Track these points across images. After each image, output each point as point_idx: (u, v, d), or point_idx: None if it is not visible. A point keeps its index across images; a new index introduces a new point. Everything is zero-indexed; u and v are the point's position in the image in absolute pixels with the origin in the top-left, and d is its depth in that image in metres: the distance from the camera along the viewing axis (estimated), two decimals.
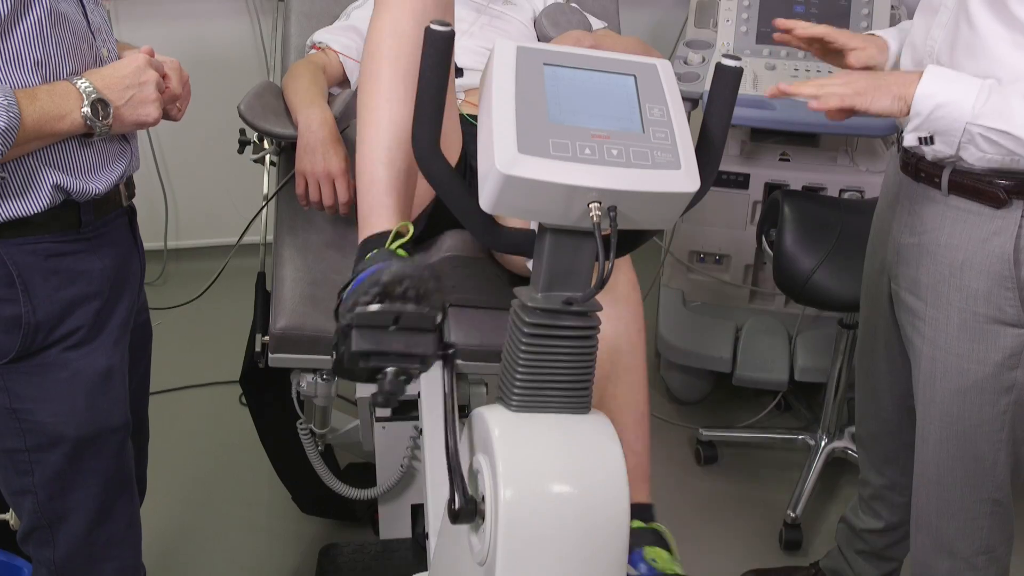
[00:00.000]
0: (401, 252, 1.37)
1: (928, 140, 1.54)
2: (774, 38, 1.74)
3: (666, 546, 1.51)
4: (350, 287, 1.25)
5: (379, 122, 1.49)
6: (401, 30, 1.51)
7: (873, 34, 1.76)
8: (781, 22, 1.71)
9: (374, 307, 1.20)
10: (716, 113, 1.32)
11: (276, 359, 1.91)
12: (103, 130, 1.41)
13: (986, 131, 1.46)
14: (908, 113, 1.50)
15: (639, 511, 1.53)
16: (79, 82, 1.40)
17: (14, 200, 1.39)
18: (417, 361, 1.25)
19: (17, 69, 1.34)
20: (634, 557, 1.46)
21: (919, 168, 1.62)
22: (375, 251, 1.38)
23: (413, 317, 1.22)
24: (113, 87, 1.43)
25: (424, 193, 1.74)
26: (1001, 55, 1.48)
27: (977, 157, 1.50)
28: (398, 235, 1.39)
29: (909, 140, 1.58)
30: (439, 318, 1.24)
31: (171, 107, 1.58)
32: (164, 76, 1.54)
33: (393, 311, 1.21)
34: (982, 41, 1.49)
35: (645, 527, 1.53)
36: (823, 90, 1.52)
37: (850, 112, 1.53)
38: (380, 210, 1.46)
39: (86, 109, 1.38)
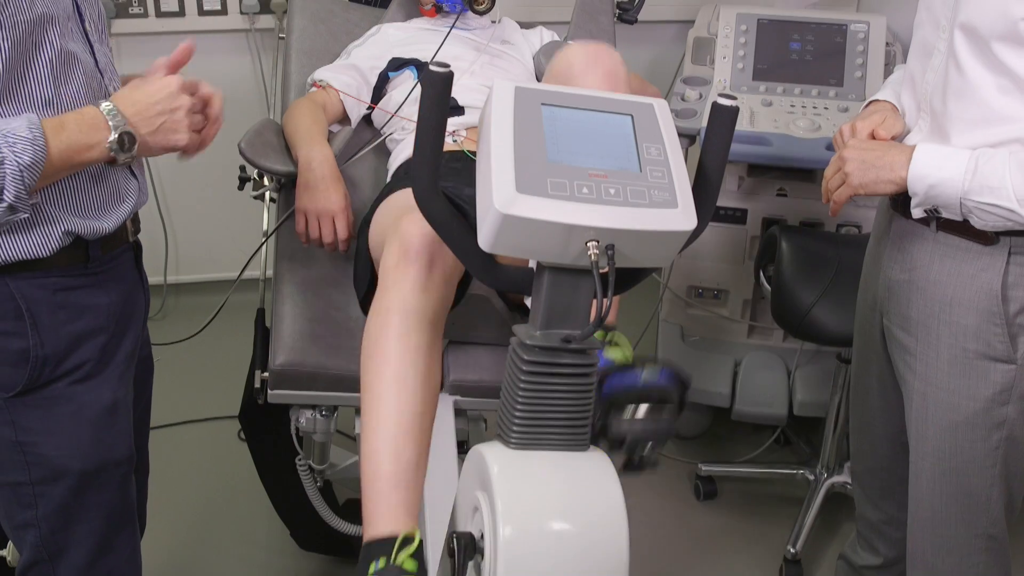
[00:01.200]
0: (409, 565, 1.33)
1: (935, 211, 1.57)
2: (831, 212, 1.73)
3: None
4: None
5: (386, 409, 1.46)
6: (408, 307, 1.50)
7: (876, 100, 1.78)
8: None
9: None
10: (713, 152, 1.33)
11: (275, 395, 1.91)
12: (127, 160, 1.40)
13: (979, 205, 1.49)
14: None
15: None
16: (107, 108, 1.37)
17: (25, 242, 1.40)
18: None
19: (30, 108, 1.36)
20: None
21: (909, 207, 1.64)
22: (380, 567, 1.33)
23: None
24: (143, 113, 1.41)
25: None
26: (988, 100, 1.50)
27: (981, 224, 1.53)
28: (406, 541, 1.34)
29: (916, 214, 1.60)
30: None
31: (206, 132, 1.54)
32: (200, 96, 1.50)
33: None
34: (970, 86, 1.52)
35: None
36: (838, 196, 1.65)
37: None
38: (385, 508, 1.40)
39: (112, 141, 1.37)
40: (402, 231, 1.55)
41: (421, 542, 1.35)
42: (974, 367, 1.62)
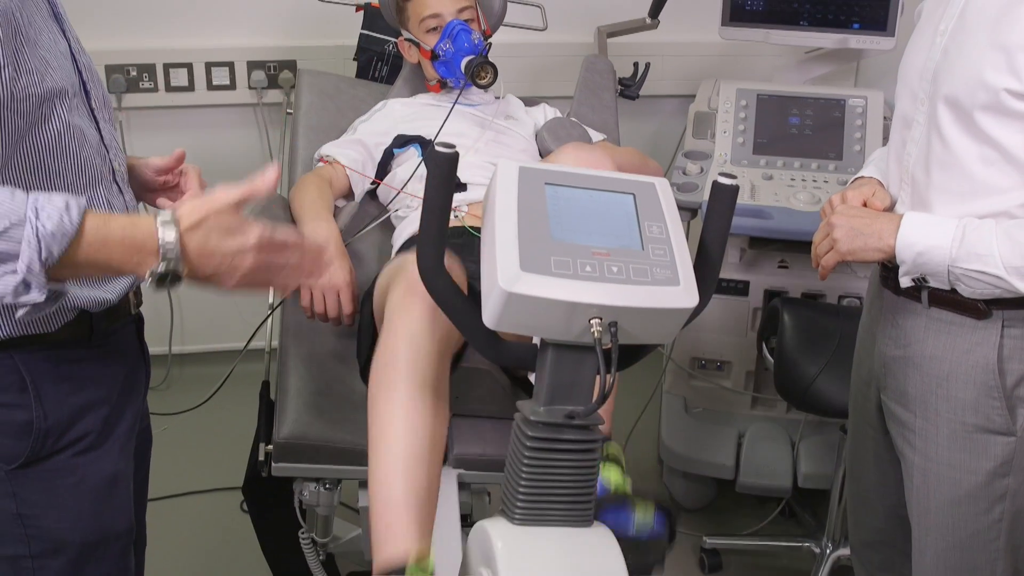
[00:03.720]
0: None
1: (923, 279, 1.59)
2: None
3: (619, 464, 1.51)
4: None
5: (396, 434, 1.47)
6: (416, 337, 1.53)
7: (861, 177, 1.81)
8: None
9: None
10: (714, 229, 1.35)
11: (279, 468, 1.91)
12: (159, 290, 1.30)
13: (967, 272, 1.50)
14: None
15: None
16: (165, 232, 1.25)
17: (32, 320, 1.41)
18: None
19: (35, 180, 1.37)
20: None
21: (899, 281, 1.65)
22: None
23: None
24: (203, 257, 1.29)
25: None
26: (972, 170, 1.52)
27: (969, 292, 1.55)
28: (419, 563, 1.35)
29: (904, 282, 1.62)
30: None
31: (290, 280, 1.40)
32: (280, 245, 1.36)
33: None
34: (954, 157, 1.54)
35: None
36: (825, 262, 1.67)
37: None
38: (398, 530, 1.41)
39: (155, 273, 1.26)
40: (407, 269, 1.58)
41: (433, 570, 1.33)
42: (974, 441, 1.62)
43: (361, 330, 1.94)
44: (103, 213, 1.31)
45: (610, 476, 1.48)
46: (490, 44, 2.36)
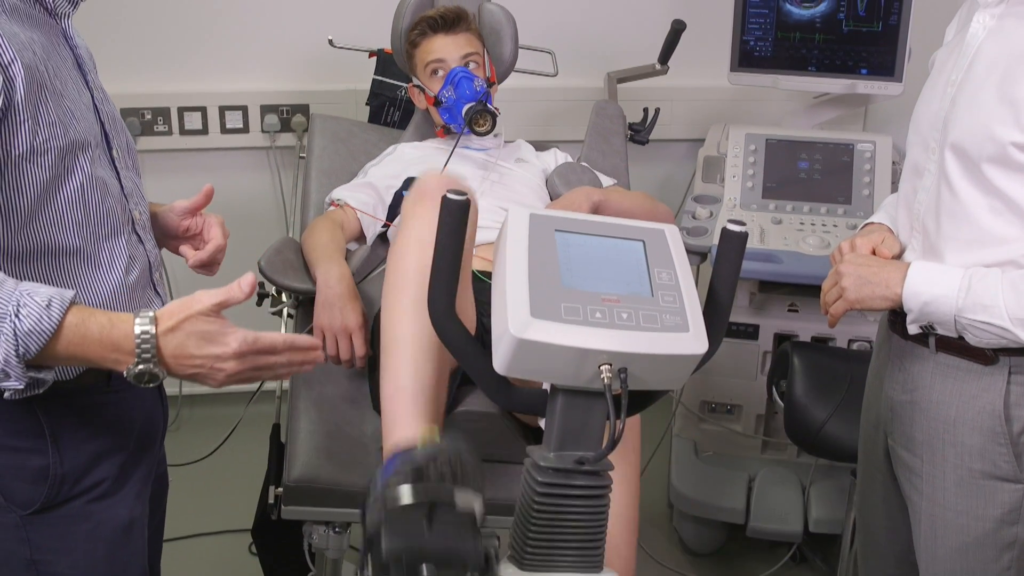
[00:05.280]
0: None
1: (931, 327, 1.59)
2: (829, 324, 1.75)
3: None
4: (380, 477, 1.22)
5: (404, 331, 1.52)
6: (427, 240, 1.54)
7: (871, 223, 1.83)
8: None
9: (406, 493, 1.18)
10: (723, 276, 1.36)
11: (289, 511, 1.92)
12: (138, 385, 1.32)
13: (973, 322, 1.51)
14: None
15: None
16: (142, 332, 1.28)
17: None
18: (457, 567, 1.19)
19: (59, 232, 1.39)
20: None
21: (907, 327, 1.66)
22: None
23: (450, 514, 1.18)
24: (182, 361, 1.31)
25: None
26: (981, 221, 1.53)
27: (976, 341, 1.55)
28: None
29: (912, 329, 1.62)
30: (479, 514, 1.21)
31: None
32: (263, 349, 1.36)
33: (429, 494, 1.18)
34: (963, 207, 1.55)
35: None
36: (834, 310, 1.69)
37: None
38: (405, 417, 1.46)
39: (131, 372, 1.30)
40: (419, 181, 1.68)
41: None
42: (981, 487, 1.62)
43: (372, 364, 1.94)
44: (85, 308, 1.31)
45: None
46: (493, 91, 2.38)
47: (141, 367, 1.29)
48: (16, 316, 1.24)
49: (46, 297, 1.26)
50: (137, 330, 1.29)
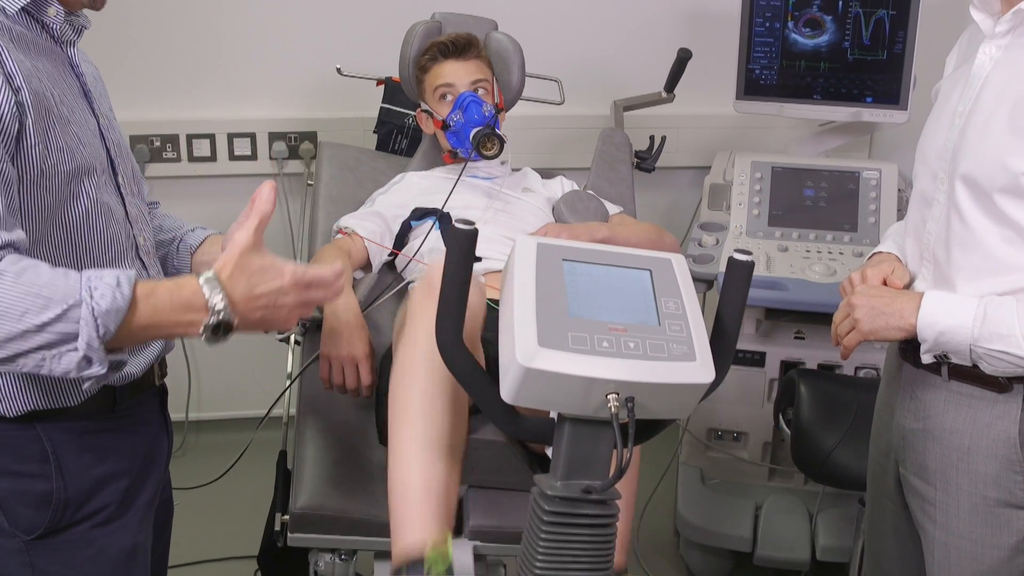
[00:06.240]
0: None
1: (945, 356, 1.59)
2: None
3: None
4: None
5: (413, 429, 1.51)
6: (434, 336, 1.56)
7: (879, 253, 1.83)
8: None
9: None
10: (729, 305, 1.37)
11: (295, 538, 1.91)
12: (213, 343, 1.34)
13: (988, 351, 1.51)
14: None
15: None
16: (209, 286, 1.31)
17: (58, 393, 1.43)
18: None
19: (64, 256, 1.40)
20: None
21: (919, 355, 1.65)
22: None
23: None
24: (249, 304, 1.33)
25: None
26: (993, 250, 1.53)
27: (991, 370, 1.55)
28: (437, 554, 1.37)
29: (926, 359, 1.62)
30: None
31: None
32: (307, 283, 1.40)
33: None
34: (974, 236, 1.55)
35: None
36: (847, 342, 1.67)
37: None
38: (415, 521, 1.44)
39: (208, 327, 1.31)
40: (427, 273, 1.65)
41: (451, 560, 1.35)
42: (995, 515, 1.61)
43: (379, 395, 1.95)
44: (149, 281, 1.34)
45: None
46: (502, 117, 2.40)
47: (215, 319, 1.30)
48: (92, 299, 1.25)
49: (113, 276, 1.27)
50: (203, 284, 1.31)
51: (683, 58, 2.85)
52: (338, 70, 2.89)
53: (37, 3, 1.40)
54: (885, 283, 1.70)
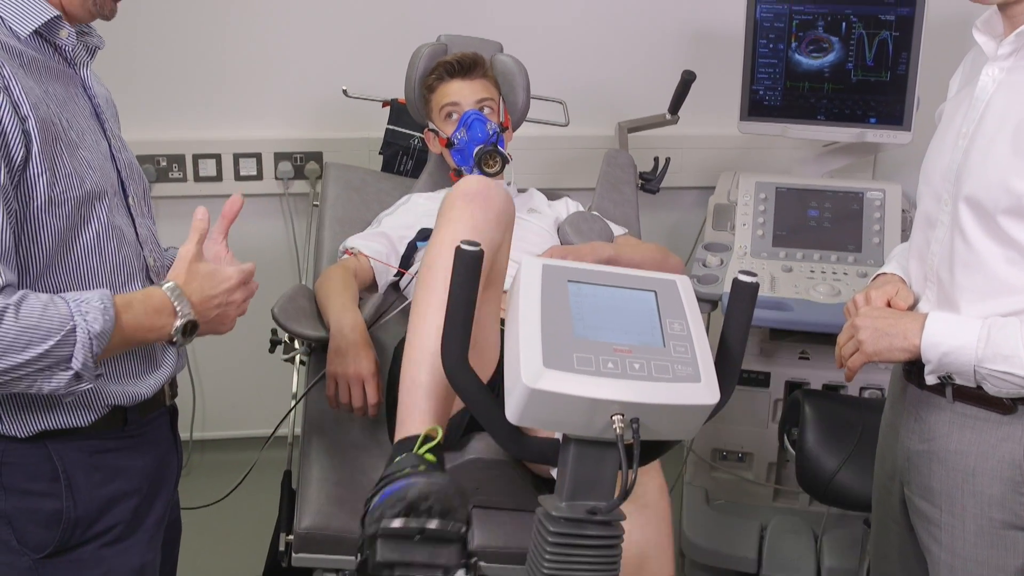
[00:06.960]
0: (429, 456, 1.40)
1: (949, 377, 1.59)
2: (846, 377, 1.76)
3: None
4: (377, 498, 1.28)
5: (428, 329, 1.55)
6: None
7: (883, 274, 1.83)
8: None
9: (398, 522, 1.23)
10: (734, 326, 1.37)
11: (299, 559, 1.91)
12: (182, 344, 1.47)
13: (992, 372, 1.51)
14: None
15: None
16: (172, 293, 1.43)
17: (68, 413, 1.44)
18: (440, 571, 1.27)
19: (75, 280, 1.41)
20: None
21: (923, 376, 1.66)
22: (404, 455, 1.41)
23: (437, 532, 1.25)
24: (205, 304, 1.48)
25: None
26: (996, 271, 1.54)
27: (995, 391, 1.55)
28: (428, 438, 1.42)
29: (930, 380, 1.62)
30: (463, 529, 1.27)
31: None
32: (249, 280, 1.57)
33: (417, 527, 1.24)
34: (978, 257, 1.56)
35: None
36: (852, 363, 1.69)
37: None
38: (416, 413, 1.51)
39: (177, 328, 1.43)
40: (460, 183, 1.72)
41: (440, 438, 1.43)
42: (1001, 537, 1.61)
43: (390, 411, 1.95)
44: (120, 296, 1.40)
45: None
46: (507, 137, 2.41)
47: (183, 321, 1.43)
48: (85, 322, 1.32)
49: (97, 299, 1.34)
50: (168, 291, 1.43)
51: (687, 80, 2.86)
52: (344, 91, 2.90)
53: (49, 26, 1.42)
54: (889, 304, 1.70)
